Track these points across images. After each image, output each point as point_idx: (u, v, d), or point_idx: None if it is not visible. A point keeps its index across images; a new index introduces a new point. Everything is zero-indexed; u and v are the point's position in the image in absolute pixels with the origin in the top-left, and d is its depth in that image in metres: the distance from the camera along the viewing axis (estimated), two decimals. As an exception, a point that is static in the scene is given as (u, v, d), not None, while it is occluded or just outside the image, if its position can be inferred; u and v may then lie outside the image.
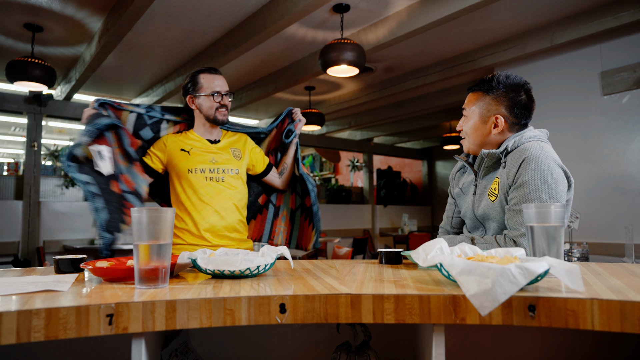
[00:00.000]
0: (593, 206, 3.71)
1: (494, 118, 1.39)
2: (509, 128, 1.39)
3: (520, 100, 1.37)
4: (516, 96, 1.37)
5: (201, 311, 0.75)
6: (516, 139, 1.36)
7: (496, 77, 1.40)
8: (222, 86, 1.91)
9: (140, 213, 0.86)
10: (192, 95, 1.90)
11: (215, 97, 1.88)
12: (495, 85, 1.38)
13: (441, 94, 5.76)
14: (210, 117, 1.90)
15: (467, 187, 1.52)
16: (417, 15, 3.38)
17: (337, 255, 3.60)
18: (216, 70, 1.93)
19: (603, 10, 3.42)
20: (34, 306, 0.70)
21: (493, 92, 1.39)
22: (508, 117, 1.38)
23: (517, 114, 1.37)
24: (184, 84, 1.94)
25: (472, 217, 1.46)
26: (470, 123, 1.44)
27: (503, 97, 1.37)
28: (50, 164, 5.58)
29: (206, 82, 1.89)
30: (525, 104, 1.38)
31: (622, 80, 3.58)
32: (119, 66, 4.65)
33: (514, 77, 1.39)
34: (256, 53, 4.30)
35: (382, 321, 0.76)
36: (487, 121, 1.40)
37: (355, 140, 8.51)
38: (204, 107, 1.89)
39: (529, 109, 1.39)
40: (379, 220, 8.55)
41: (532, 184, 1.26)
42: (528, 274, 0.70)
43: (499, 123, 1.38)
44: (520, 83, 1.38)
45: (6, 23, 3.64)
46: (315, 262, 1.29)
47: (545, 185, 1.26)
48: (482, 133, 1.41)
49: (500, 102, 1.38)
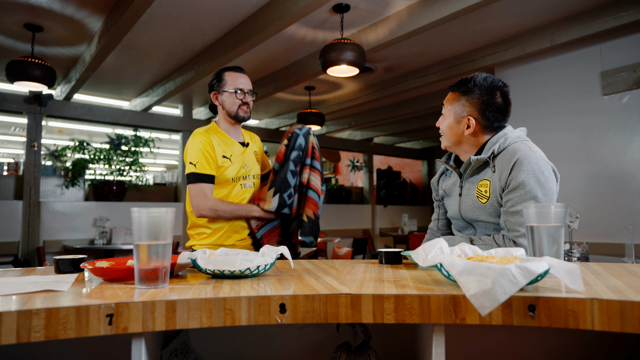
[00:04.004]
0: (593, 206, 3.71)
1: (467, 119, 1.41)
2: (482, 130, 1.41)
3: (495, 103, 1.38)
4: (490, 99, 1.38)
5: (201, 311, 0.75)
6: (501, 142, 1.37)
7: (474, 78, 1.42)
8: (245, 84, 1.99)
9: (140, 213, 0.86)
10: (216, 92, 1.99)
11: (238, 94, 1.96)
12: (472, 87, 1.41)
13: (441, 94, 5.76)
14: (232, 113, 1.97)
15: (450, 189, 1.54)
16: (417, 15, 3.38)
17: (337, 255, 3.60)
18: (241, 70, 2.01)
19: (603, 10, 3.42)
20: (34, 306, 0.70)
21: (468, 94, 1.42)
22: (480, 120, 1.40)
23: (490, 117, 1.39)
24: (210, 81, 2.02)
25: (459, 217, 1.48)
26: (446, 122, 1.47)
27: (477, 99, 1.40)
28: (50, 164, 5.58)
29: (230, 80, 1.97)
30: (499, 107, 1.39)
31: (622, 80, 3.58)
32: (119, 66, 4.66)
33: (491, 79, 1.40)
34: (256, 53, 4.30)
35: (382, 321, 0.76)
36: (461, 122, 1.43)
37: (355, 140, 8.51)
38: (227, 103, 1.97)
39: (504, 112, 1.40)
40: (379, 220, 8.55)
41: (527, 184, 1.28)
42: (528, 274, 0.70)
43: (470, 124, 1.41)
44: (496, 85, 1.40)
45: (6, 23, 3.64)
46: (315, 262, 1.29)
47: (539, 184, 1.28)
48: (455, 132, 1.45)
49: (473, 105, 1.40)
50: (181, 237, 6.12)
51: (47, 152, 5.80)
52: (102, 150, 5.67)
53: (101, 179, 5.75)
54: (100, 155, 5.64)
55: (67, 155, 5.72)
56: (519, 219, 1.28)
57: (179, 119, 6.28)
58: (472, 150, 1.45)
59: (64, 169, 5.55)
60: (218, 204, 1.84)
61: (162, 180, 7.50)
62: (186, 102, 6.22)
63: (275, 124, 7.14)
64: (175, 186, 6.52)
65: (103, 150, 5.68)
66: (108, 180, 5.69)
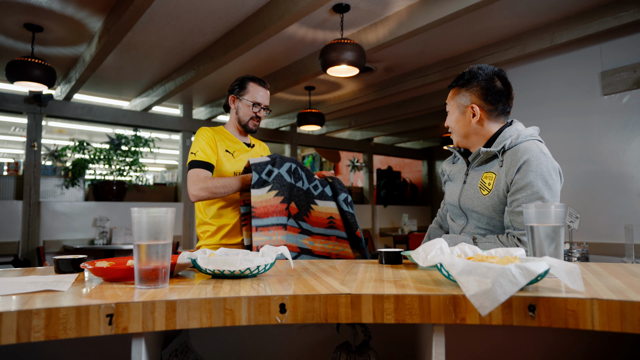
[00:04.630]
0: (593, 206, 3.71)
1: (471, 108, 1.44)
2: (487, 115, 1.44)
3: (494, 87, 1.42)
4: (488, 84, 1.42)
5: (201, 311, 0.75)
6: (513, 138, 1.38)
7: (469, 69, 1.46)
8: (264, 99, 2.04)
9: (140, 213, 0.86)
10: (235, 96, 2.03)
11: (254, 107, 2.01)
12: (468, 78, 1.45)
13: (441, 94, 5.76)
14: (243, 122, 2.03)
15: (454, 175, 1.56)
16: (417, 15, 3.38)
17: (337, 255, 3.59)
18: (265, 84, 2.06)
19: (603, 10, 3.41)
20: (34, 306, 0.70)
21: (467, 85, 1.46)
22: (483, 105, 1.43)
23: (491, 100, 1.42)
24: (232, 84, 2.05)
25: (456, 204, 1.51)
26: (453, 117, 1.50)
27: (475, 87, 1.43)
28: (50, 164, 5.58)
29: (252, 90, 2.02)
30: (499, 90, 1.42)
31: (622, 80, 3.58)
32: (119, 66, 4.65)
33: (486, 67, 1.45)
34: (256, 53, 4.30)
35: (382, 321, 0.76)
36: (465, 112, 1.46)
37: (355, 140, 8.51)
38: (241, 111, 2.02)
39: (504, 94, 1.43)
40: (379, 220, 8.55)
41: (534, 185, 1.29)
42: (528, 274, 0.70)
43: (475, 112, 1.43)
44: (492, 71, 1.44)
45: (6, 23, 3.64)
46: (315, 262, 1.29)
47: (546, 186, 1.30)
48: (463, 124, 1.47)
49: (473, 92, 1.44)
50: (181, 237, 6.12)
51: (47, 152, 5.80)
52: (102, 150, 5.67)
53: (101, 179, 5.75)
54: (100, 155, 5.64)
55: (67, 155, 5.72)
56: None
57: (179, 119, 6.28)
58: (481, 142, 1.47)
59: (64, 169, 5.55)
60: (209, 181, 1.82)
61: (162, 180, 7.50)
62: (186, 102, 6.22)
63: (275, 124, 7.14)
64: (176, 186, 6.52)
65: (103, 150, 5.68)
66: (108, 180, 5.69)
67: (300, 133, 7.69)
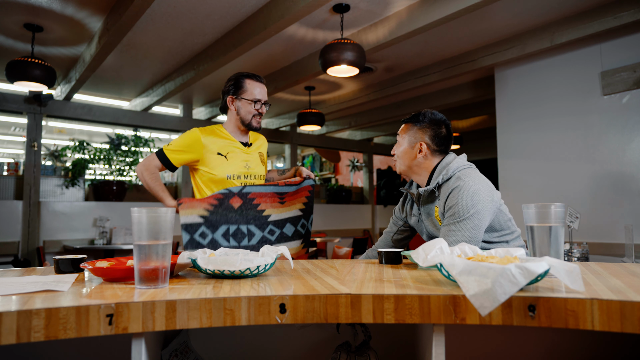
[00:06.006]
0: (593, 206, 3.71)
1: (419, 145, 1.65)
2: (431, 154, 1.66)
3: (440, 133, 1.66)
4: (437, 129, 1.66)
5: (201, 311, 0.75)
6: (443, 174, 1.57)
7: (423, 112, 1.69)
8: (263, 95, 2.01)
9: (140, 213, 0.86)
10: (233, 97, 1.99)
11: (255, 104, 1.98)
12: (422, 119, 1.67)
13: (441, 94, 5.76)
14: (246, 121, 2.00)
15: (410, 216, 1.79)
16: (417, 15, 3.38)
17: (337, 255, 3.60)
18: (261, 79, 2.03)
19: (603, 10, 3.41)
20: (34, 306, 0.70)
21: (420, 124, 1.67)
22: (430, 145, 1.65)
23: (438, 143, 1.66)
24: (226, 85, 2.02)
25: (428, 237, 1.72)
26: (401, 148, 1.70)
27: (427, 128, 1.66)
28: (50, 164, 5.58)
29: (250, 88, 1.98)
30: (444, 136, 1.67)
31: (622, 80, 3.58)
32: (119, 66, 4.65)
33: (437, 114, 1.69)
34: (256, 53, 4.30)
35: (382, 321, 0.76)
36: (414, 147, 1.67)
37: (355, 140, 8.51)
38: (242, 110, 1.99)
39: (448, 140, 1.68)
40: (379, 220, 8.55)
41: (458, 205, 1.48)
42: (528, 274, 0.70)
43: (422, 149, 1.65)
44: (441, 119, 1.67)
45: (6, 23, 3.64)
46: (315, 262, 1.29)
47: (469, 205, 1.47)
48: (409, 157, 1.68)
49: (424, 132, 1.66)
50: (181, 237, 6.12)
51: (47, 152, 5.80)
52: (102, 150, 5.67)
53: (101, 179, 5.75)
54: (100, 155, 5.64)
55: (67, 155, 5.71)
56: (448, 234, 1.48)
57: (179, 119, 6.28)
58: (424, 174, 1.68)
59: (64, 169, 5.55)
60: (151, 175, 1.91)
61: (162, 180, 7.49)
62: (186, 102, 6.22)
63: (275, 124, 7.14)
64: (175, 186, 6.52)
65: (103, 150, 5.68)
66: (108, 180, 5.69)
67: (300, 133, 7.69)
